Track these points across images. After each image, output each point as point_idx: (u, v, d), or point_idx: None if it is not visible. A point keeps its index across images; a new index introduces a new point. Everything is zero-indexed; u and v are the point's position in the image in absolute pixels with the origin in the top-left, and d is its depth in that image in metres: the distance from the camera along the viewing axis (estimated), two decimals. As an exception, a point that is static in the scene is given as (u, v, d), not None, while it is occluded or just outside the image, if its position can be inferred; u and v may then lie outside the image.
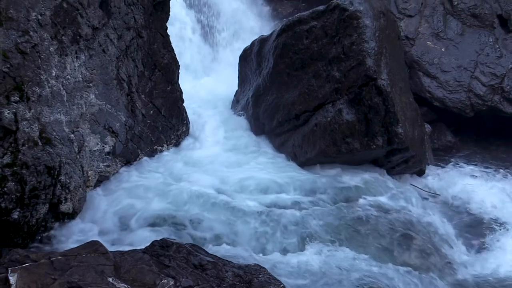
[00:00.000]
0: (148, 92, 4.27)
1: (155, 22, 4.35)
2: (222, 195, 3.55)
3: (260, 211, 3.39)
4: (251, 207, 3.41)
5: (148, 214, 3.26)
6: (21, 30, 2.86)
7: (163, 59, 4.43)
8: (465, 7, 6.39)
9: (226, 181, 3.75)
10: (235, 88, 5.79)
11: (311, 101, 4.19)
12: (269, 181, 3.78)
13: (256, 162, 4.09)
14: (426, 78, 6.02)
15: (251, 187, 3.74)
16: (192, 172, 3.80)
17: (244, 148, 4.50)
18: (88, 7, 3.37)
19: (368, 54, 3.82)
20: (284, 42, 4.40)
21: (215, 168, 3.94)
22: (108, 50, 3.69)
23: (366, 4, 3.95)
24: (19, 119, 2.88)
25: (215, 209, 3.36)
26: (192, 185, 3.54)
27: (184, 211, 3.31)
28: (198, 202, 3.42)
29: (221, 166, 3.97)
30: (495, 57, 6.16)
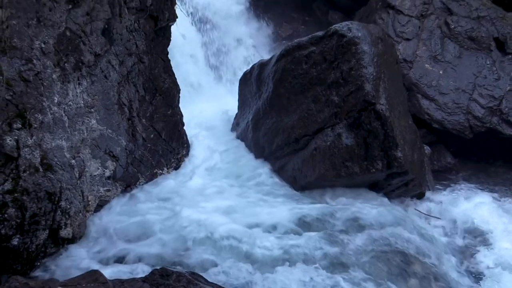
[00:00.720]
0: (149, 116, 4.30)
1: (156, 47, 4.41)
2: (227, 232, 3.44)
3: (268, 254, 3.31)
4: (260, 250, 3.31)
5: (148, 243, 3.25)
6: (24, 59, 2.91)
7: (164, 84, 4.48)
8: (462, 30, 6.47)
9: (231, 212, 3.67)
10: (235, 109, 5.84)
11: (310, 125, 4.22)
12: (274, 218, 3.69)
13: (257, 190, 4.09)
14: (425, 100, 6.06)
15: (254, 226, 3.61)
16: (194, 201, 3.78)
17: (244, 173, 4.50)
18: (90, 35, 3.43)
19: (366, 80, 3.87)
20: (283, 66, 4.45)
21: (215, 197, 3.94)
22: (109, 76, 3.74)
23: (364, 30, 4.01)
24: (21, 145, 2.91)
25: (222, 253, 3.25)
26: (194, 216, 3.48)
27: (185, 249, 3.27)
28: (201, 240, 3.33)
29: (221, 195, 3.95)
30: (492, 79, 6.21)
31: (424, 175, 5.00)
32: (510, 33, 6.51)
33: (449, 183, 6.07)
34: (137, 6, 3.98)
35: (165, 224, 3.47)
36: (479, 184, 6.14)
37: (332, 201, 4.10)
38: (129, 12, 3.92)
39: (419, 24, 6.49)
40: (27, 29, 2.92)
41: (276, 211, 3.74)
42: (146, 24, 4.14)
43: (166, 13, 4.37)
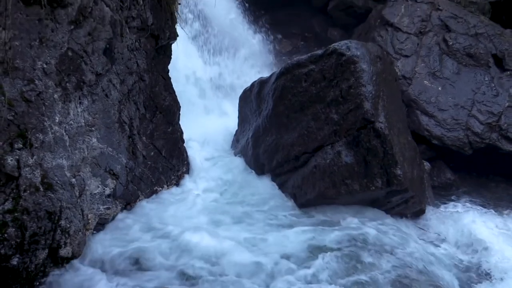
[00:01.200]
0: (149, 134, 4.33)
1: (157, 66, 4.45)
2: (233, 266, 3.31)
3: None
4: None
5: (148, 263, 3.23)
6: (26, 79, 2.94)
7: (164, 101, 4.51)
8: (460, 47, 6.53)
9: (235, 238, 3.56)
10: (235, 125, 5.87)
11: (310, 142, 4.24)
12: (282, 246, 3.58)
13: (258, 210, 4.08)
14: (424, 116, 6.09)
15: (261, 254, 3.44)
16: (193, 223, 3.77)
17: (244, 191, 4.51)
18: (92, 54, 3.47)
19: (365, 98, 3.90)
20: (283, 84, 4.49)
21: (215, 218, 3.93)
22: (110, 95, 3.77)
23: (363, 49, 4.05)
24: (22, 165, 2.92)
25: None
26: (194, 241, 3.43)
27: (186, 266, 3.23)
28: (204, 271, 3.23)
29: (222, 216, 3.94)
30: (491, 95, 6.25)
31: (424, 191, 5.00)
32: (508, 50, 6.57)
33: (449, 199, 6.07)
34: (138, 26, 4.03)
35: (163, 251, 3.40)
36: (480, 200, 6.13)
37: (333, 219, 4.09)
38: (130, 31, 3.97)
39: (417, 41, 6.56)
40: (29, 50, 2.96)
41: (282, 238, 3.64)
42: (147, 43, 4.19)
43: (167, 31, 4.42)
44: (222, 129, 6.09)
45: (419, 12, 6.75)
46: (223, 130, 6.04)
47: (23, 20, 2.91)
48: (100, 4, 3.49)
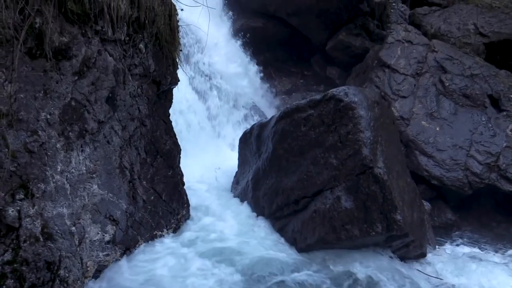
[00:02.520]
0: (150, 178, 4.35)
1: (159, 110, 4.52)
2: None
3: None
4: None
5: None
6: (30, 130, 2.99)
7: (165, 145, 4.55)
8: (457, 88, 6.66)
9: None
10: (235, 166, 5.90)
11: (309, 187, 4.25)
12: None
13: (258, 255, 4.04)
14: (423, 157, 6.15)
15: None
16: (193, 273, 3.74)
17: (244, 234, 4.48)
18: (95, 103, 3.53)
19: (364, 144, 3.95)
20: (282, 128, 4.55)
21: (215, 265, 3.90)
22: (112, 141, 3.82)
23: (360, 95, 4.13)
24: (23, 216, 2.93)
25: None
26: None
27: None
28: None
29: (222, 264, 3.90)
30: (489, 135, 6.32)
31: (425, 234, 4.98)
32: (504, 91, 6.69)
33: (450, 240, 6.04)
34: (141, 73, 4.12)
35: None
36: (481, 240, 6.11)
37: (335, 266, 4.06)
38: (132, 78, 4.05)
39: (414, 82, 6.69)
40: (34, 102, 3.02)
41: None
42: (149, 89, 4.27)
43: (169, 77, 4.51)
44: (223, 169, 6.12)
45: (415, 53, 6.91)
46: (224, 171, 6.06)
47: (28, 73, 2.99)
48: (103, 54, 3.59)
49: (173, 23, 4.36)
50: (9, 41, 2.77)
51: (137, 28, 3.95)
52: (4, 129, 2.81)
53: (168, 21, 4.30)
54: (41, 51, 3.00)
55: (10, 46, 2.78)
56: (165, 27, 4.25)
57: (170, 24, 4.32)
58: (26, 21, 2.79)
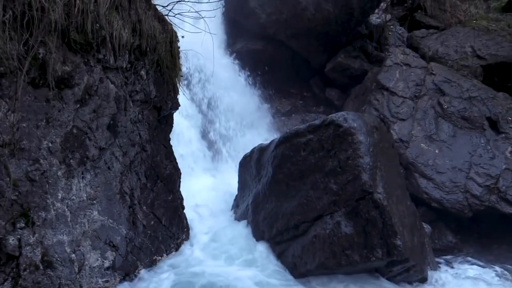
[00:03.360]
0: (150, 203, 4.35)
1: (159, 135, 4.55)
2: None
3: None
4: None
5: None
6: (32, 159, 3.02)
7: (165, 170, 4.57)
8: (455, 110, 6.70)
9: None
10: (235, 188, 5.90)
11: (309, 212, 4.26)
12: None
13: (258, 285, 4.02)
14: (422, 179, 6.15)
15: None
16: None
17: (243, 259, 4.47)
18: (96, 130, 3.57)
19: (363, 169, 3.97)
20: (282, 153, 4.58)
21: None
22: (113, 167, 3.84)
23: (359, 120, 4.17)
24: (23, 244, 2.94)
25: None
26: None
27: None
28: None
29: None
30: (488, 158, 6.33)
31: (426, 258, 4.95)
32: (502, 113, 6.73)
33: (451, 263, 5.99)
34: (142, 99, 4.17)
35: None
36: (482, 263, 6.05)
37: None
38: (133, 104, 4.10)
39: (413, 104, 6.74)
40: (36, 130, 3.05)
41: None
42: (150, 114, 4.31)
43: (169, 102, 4.56)
44: (223, 192, 6.12)
45: (413, 76, 6.98)
46: (223, 193, 6.06)
47: (31, 102, 3.03)
48: (105, 82, 3.64)
49: (174, 49, 4.43)
50: (13, 72, 2.82)
51: (138, 55, 4.02)
52: (6, 158, 2.84)
53: (169, 48, 4.36)
54: (44, 81, 3.05)
55: (13, 76, 2.83)
56: (166, 54, 4.32)
57: (171, 50, 4.39)
58: (29, 52, 2.85)
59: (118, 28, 3.58)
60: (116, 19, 3.61)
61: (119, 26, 3.60)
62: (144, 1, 4.02)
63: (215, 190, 6.23)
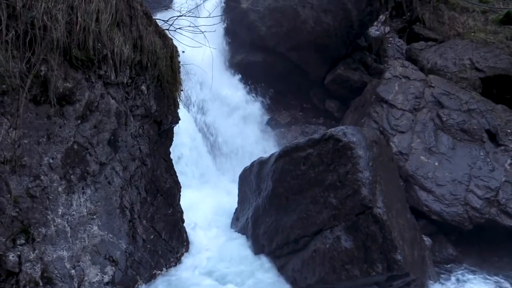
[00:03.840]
0: (150, 217, 4.36)
1: (159, 149, 4.57)
2: None
3: None
4: None
5: None
6: (32, 175, 3.03)
7: (165, 184, 4.58)
8: (454, 123, 6.72)
9: None
10: (235, 201, 5.90)
11: (309, 226, 4.26)
12: None
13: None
14: (422, 192, 6.15)
15: None
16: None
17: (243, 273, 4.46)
18: (97, 146, 3.59)
19: (363, 184, 3.98)
20: (282, 167, 4.59)
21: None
22: (113, 182, 3.85)
23: (359, 135, 4.19)
24: (23, 261, 2.94)
25: None
26: None
27: None
28: None
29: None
30: (487, 170, 6.34)
31: (426, 271, 4.95)
32: (501, 125, 6.75)
33: (452, 276, 5.97)
34: (142, 113, 4.19)
35: None
36: (483, 275, 6.03)
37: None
38: (134, 119, 4.12)
39: (412, 117, 6.76)
40: (37, 147, 3.07)
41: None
42: (150, 129, 4.33)
43: (170, 117, 4.58)
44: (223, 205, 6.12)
45: (412, 89, 7.02)
46: (224, 206, 6.06)
47: (32, 118, 3.05)
48: (106, 97, 3.66)
49: (175, 64, 4.46)
50: (15, 89, 2.85)
51: (139, 71, 4.05)
52: (8, 175, 2.85)
53: (170, 63, 4.40)
54: (45, 98, 3.08)
55: (15, 94, 2.86)
56: (166, 69, 4.35)
57: (171, 65, 4.43)
58: (31, 70, 2.87)
59: (120, 45, 3.62)
60: (118, 36, 3.65)
61: (120, 43, 3.64)
62: (145, 17, 4.07)
63: (215, 203, 6.23)
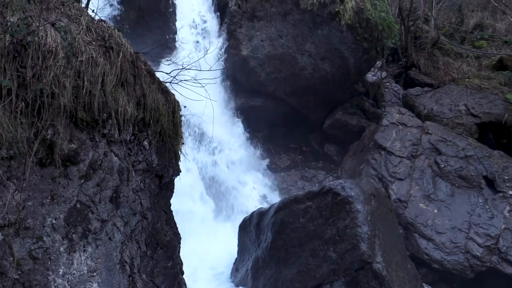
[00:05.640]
0: (149, 271, 4.35)
1: (160, 202, 4.62)
2: None
3: None
4: None
5: None
6: (35, 237, 3.07)
7: (165, 237, 4.60)
8: (452, 169, 6.80)
9: None
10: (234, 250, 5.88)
11: (309, 280, 4.26)
12: None
13: None
14: (422, 240, 6.16)
15: None
16: None
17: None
18: (99, 203, 3.64)
19: (361, 239, 4.01)
20: (281, 219, 4.63)
21: None
22: (114, 237, 3.88)
23: (356, 188, 4.26)
24: (23, 324, 2.94)
25: None
26: None
27: None
28: None
29: None
30: (487, 217, 6.37)
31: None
32: (498, 172, 6.82)
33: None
34: (144, 168, 4.27)
35: None
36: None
37: None
38: (136, 174, 4.19)
39: (410, 164, 6.85)
40: (41, 208, 3.13)
41: None
42: (151, 183, 4.39)
43: (171, 170, 4.65)
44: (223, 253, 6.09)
45: (409, 136, 7.14)
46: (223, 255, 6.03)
47: (37, 180, 3.12)
48: (109, 155, 3.75)
49: (177, 119, 4.58)
50: (22, 154, 2.93)
51: (142, 127, 4.15)
52: (11, 238, 2.89)
53: (172, 118, 4.51)
54: (50, 160, 3.16)
55: (22, 158, 2.94)
56: (168, 123, 4.46)
57: (173, 120, 4.54)
58: (38, 135, 2.97)
59: (123, 104, 3.74)
60: (122, 95, 3.78)
61: (124, 102, 3.75)
62: (149, 76, 4.21)
63: (214, 252, 6.20)
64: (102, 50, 3.66)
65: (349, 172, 7.98)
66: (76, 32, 3.48)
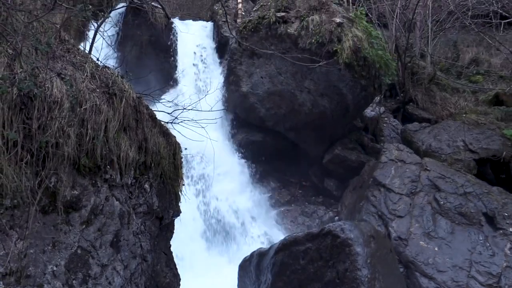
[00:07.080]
0: (149, 315, 4.33)
1: (160, 243, 4.63)
2: None
3: None
4: None
5: None
6: (36, 285, 3.08)
7: (165, 279, 4.59)
8: (452, 206, 6.81)
9: None
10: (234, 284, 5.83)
11: (310, 324, 4.23)
12: None
13: None
14: (424, 278, 6.11)
15: None
16: None
17: None
18: (99, 248, 3.66)
19: (361, 282, 4.01)
20: (281, 260, 4.63)
21: None
22: (113, 282, 3.88)
23: (356, 230, 4.28)
24: None
25: None
26: None
27: None
28: None
29: None
30: (487, 255, 6.34)
31: None
32: (498, 208, 6.83)
33: None
34: (145, 210, 4.31)
35: None
36: None
37: None
38: (136, 216, 4.22)
39: (410, 201, 6.87)
40: (42, 256, 3.15)
41: None
42: (152, 225, 4.42)
43: (171, 211, 4.69)
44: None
45: (408, 173, 7.18)
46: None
47: (40, 228, 3.16)
48: (111, 200, 3.80)
49: (177, 161, 4.65)
50: (25, 202, 2.98)
51: (143, 170, 4.21)
52: (12, 287, 2.91)
53: (173, 160, 4.58)
54: (53, 207, 3.21)
55: (26, 207, 2.99)
56: (169, 166, 4.52)
57: (174, 162, 4.60)
58: (42, 184, 3.03)
59: (126, 149, 3.81)
60: (124, 140, 3.85)
61: (126, 147, 3.83)
62: (151, 120, 4.30)
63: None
64: (105, 97, 3.76)
65: (349, 207, 7.99)
66: (80, 80, 3.59)
